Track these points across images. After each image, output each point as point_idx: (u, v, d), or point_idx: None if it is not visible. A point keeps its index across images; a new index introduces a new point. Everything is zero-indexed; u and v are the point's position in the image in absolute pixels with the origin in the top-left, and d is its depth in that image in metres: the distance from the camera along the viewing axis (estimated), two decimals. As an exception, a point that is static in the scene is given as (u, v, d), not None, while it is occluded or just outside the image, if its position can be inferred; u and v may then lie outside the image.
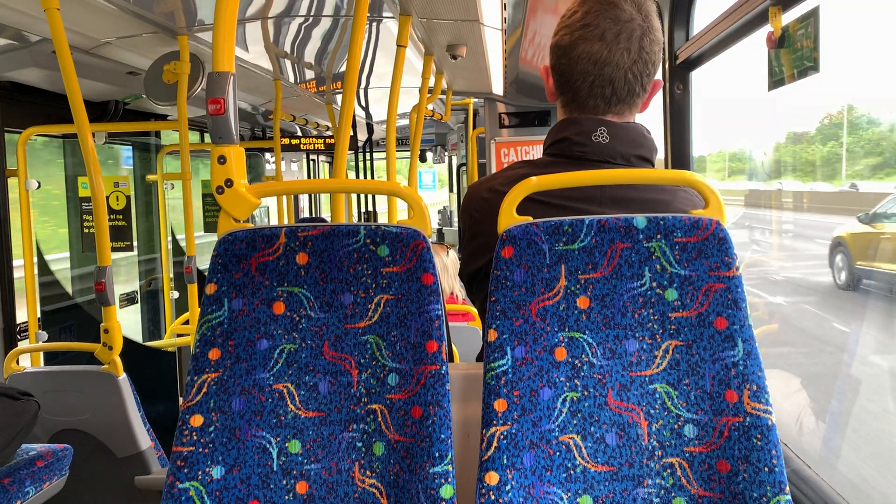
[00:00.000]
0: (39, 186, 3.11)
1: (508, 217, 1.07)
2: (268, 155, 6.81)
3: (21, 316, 3.02)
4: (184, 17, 2.53)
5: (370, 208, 7.29)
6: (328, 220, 1.93)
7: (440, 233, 8.37)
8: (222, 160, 1.16)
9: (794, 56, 1.44)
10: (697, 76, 2.19)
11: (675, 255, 1.04)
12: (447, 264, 3.40)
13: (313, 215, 8.48)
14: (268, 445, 1.08)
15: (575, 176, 1.09)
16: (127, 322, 4.45)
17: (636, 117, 1.29)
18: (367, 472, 1.07)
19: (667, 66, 2.21)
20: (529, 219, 1.06)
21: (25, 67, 2.80)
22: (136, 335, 4.63)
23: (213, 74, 1.15)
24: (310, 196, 8.22)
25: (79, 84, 2.18)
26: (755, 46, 1.62)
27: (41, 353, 2.91)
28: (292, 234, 1.12)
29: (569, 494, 1.02)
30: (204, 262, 4.40)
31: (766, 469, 0.98)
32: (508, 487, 1.00)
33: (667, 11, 2.21)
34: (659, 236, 1.04)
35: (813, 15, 1.36)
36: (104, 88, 3.34)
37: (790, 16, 1.50)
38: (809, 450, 2.01)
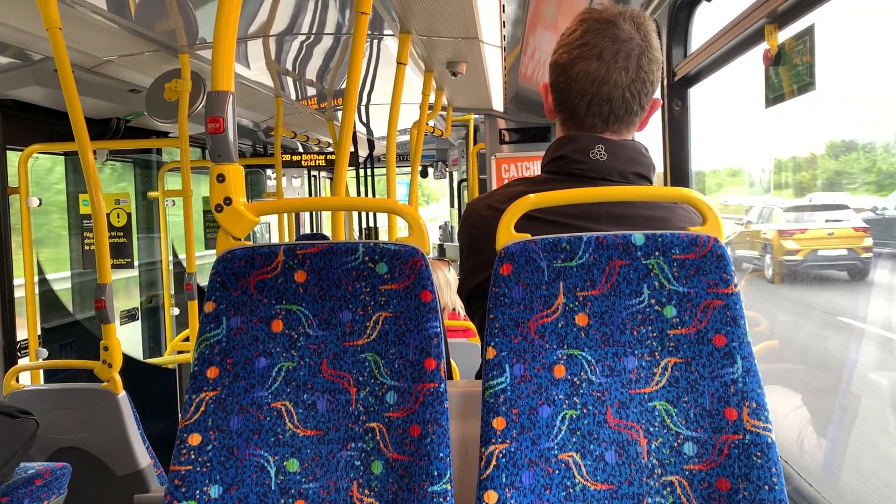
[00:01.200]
0: (41, 204, 3.12)
1: (507, 234, 1.07)
2: (269, 171, 6.83)
3: (21, 333, 3.02)
4: (185, 36, 2.54)
5: (371, 224, 7.29)
6: (329, 236, 1.92)
7: (441, 248, 8.37)
8: (221, 178, 1.16)
9: (793, 73, 1.45)
10: (698, 91, 2.21)
11: (674, 272, 1.04)
12: (449, 280, 3.38)
13: (314, 231, 8.49)
14: (266, 464, 1.08)
15: (573, 193, 1.09)
16: (127, 338, 4.45)
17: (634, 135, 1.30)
18: (366, 491, 1.06)
19: (665, 82, 2.22)
20: (527, 236, 1.06)
21: (28, 86, 2.82)
22: (137, 351, 4.62)
23: (212, 94, 1.16)
24: (311, 212, 8.23)
25: (80, 102, 2.19)
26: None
27: (41, 371, 2.91)
28: (291, 252, 1.12)
29: None
30: (205, 279, 4.39)
31: (767, 487, 0.97)
32: None
33: (665, 29, 2.22)
34: (657, 253, 1.04)
35: (808, 33, 1.37)
36: (106, 106, 3.35)
37: (787, 33, 1.51)
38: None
